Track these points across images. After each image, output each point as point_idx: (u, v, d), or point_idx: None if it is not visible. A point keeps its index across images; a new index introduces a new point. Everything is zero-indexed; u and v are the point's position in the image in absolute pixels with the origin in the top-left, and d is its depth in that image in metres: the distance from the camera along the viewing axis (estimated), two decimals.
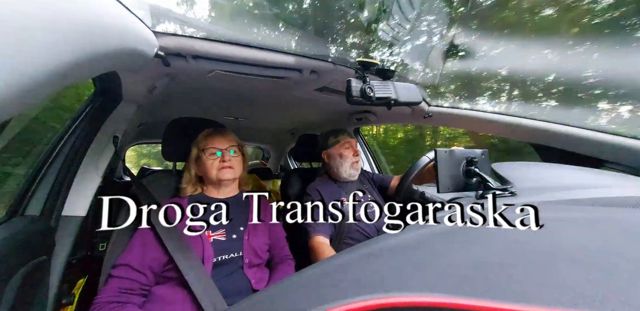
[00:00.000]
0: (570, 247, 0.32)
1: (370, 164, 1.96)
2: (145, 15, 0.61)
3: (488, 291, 0.26)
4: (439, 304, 0.26)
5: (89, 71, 0.50)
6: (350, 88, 0.76)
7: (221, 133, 0.99)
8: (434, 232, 0.47)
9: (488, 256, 0.33)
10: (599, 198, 0.55)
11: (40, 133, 0.92)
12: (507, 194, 0.67)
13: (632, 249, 0.29)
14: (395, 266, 0.36)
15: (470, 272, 0.30)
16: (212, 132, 0.99)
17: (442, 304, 0.26)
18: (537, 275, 0.27)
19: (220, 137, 0.97)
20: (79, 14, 0.35)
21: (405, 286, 0.30)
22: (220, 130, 1.01)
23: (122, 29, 0.48)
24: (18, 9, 0.26)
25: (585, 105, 2.46)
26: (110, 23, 0.43)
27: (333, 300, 0.32)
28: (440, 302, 0.26)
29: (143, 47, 0.61)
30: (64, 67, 0.36)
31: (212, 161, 0.93)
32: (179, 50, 0.74)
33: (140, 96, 0.99)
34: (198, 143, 0.97)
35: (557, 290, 0.24)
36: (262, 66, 0.89)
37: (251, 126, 2.10)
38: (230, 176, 0.94)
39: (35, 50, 0.30)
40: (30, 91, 0.33)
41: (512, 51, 2.59)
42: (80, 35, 0.36)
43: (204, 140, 0.96)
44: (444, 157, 0.80)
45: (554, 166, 0.86)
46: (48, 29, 0.30)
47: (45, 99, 0.55)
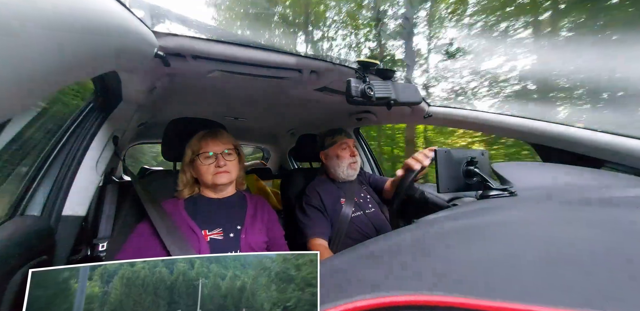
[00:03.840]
0: (570, 247, 0.32)
1: (370, 165, 1.96)
2: (145, 15, 0.61)
3: (488, 291, 0.26)
4: (438, 303, 0.26)
5: (89, 71, 0.50)
6: (350, 88, 0.76)
7: (215, 136, 0.96)
8: (434, 232, 0.47)
9: (487, 256, 0.33)
10: (599, 198, 0.55)
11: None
12: (507, 194, 0.67)
13: (632, 249, 0.29)
14: (395, 266, 0.36)
15: (469, 272, 0.30)
16: (206, 134, 0.96)
17: (442, 303, 0.26)
18: (536, 275, 0.27)
19: (214, 141, 0.94)
20: (79, 14, 0.35)
21: (405, 286, 0.30)
22: (215, 132, 0.97)
23: (122, 29, 0.48)
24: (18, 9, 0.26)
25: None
26: (110, 23, 0.43)
27: (333, 300, 0.32)
28: (440, 301, 0.26)
29: (143, 47, 0.61)
30: (64, 67, 0.36)
31: (206, 166, 0.91)
32: (179, 51, 0.74)
33: (140, 96, 0.99)
34: (192, 146, 0.94)
35: (557, 290, 0.24)
36: (262, 66, 0.89)
37: (251, 126, 2.10)
38: (226, 181, 0.93)
39: (35, 50, 0.30)
40: (30, 91, 0.33)
41: None
42: (80, 35, 0.36)
43: (198, 144, 0.94)
44: (444, 157, 0.80)
45: (554, 166, 0.86)
46: (48, 29, 0.30)
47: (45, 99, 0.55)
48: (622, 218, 0.41)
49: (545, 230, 0.38)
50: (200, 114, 1.29)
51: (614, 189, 0.62)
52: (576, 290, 0.24)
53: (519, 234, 0.38)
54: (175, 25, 0.73)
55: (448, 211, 0.66)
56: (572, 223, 0.39)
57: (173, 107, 1.49)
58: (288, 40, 3.63)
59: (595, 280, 0.25)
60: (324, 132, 1.37)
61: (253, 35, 2.64)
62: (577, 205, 0.52)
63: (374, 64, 0.80)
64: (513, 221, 0.46)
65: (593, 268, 0.27)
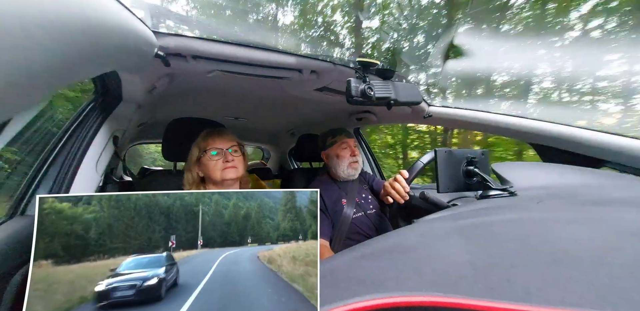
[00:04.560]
0: (570, 247, 0.32)
1: (370, 165, 1.96)
2: (145, 15, 0.61)
3: (488, 291, 0.26)
4: (439, 304, 0.26)
5: (89, 71, 0.50)
6: (350, 88, 0.76)
7: (221, 133, 0.99)
8: (434, 232, 0.47)
9: (488, 257, 0.33)
10: (599, 198, 0.55)
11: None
12: (507, 194, 0.67)
13: (632, 249, 0.29)
14: (395, 267, 0.36)
15: (469, 272, 0.30)
16: (211, 132, 0.98)
17: (442, 304, 0.26)
18: (537, 275, 0.27)
19: (220, 138, 0.97)
20: (79, 14, 0.35)
21: (405, 286, 0.30)
22: (220, 130, 1.01)
23: (122, 29, 0.48)
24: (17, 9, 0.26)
25: None
26: (110, 23, 0.43)
27: (333, 300, 0.32)
28: (440, 302, 0.26)
29: (143, 47, 0.61)
30: (64, 67, 0.36)
31: (214, 161, 0.93)
32: (179, 50, 0.74)
33: (140, 96, 0.99)
34: (199, 144, 0.96)
35: (557, 290, 0.24)
36: (262, 66, 0.89)
37: (251, 126, 2.10)
38: (234, 176, 0.94)
39: (35, 51, 0.30)
40: (31, 91, 0.33)
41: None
42: (80, 35, 0.36)
43: (205, 141, 0.96)
44: (444, 157, 0.80)
45: (554, 166, 0.86)
46: (48, 29, 0.30)
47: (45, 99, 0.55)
48: (622, 217, 0.41)
49: (545, 230, 0.38)
50: (200, 114, 1.29)
51: (614, 189, 0.62)
52: (576, 290, 0.24)
53: (519, 234, 0.38)
54: (175, 25, 0.73)
55: (448, 211, 0.66)
56: (572, 223, 0.39)
57: (173, 107, 1.49)
58: (288, 40, 3.65)
59: (595, 280, 0.25)
60: (324, 132, 1.37)
61: (253, 35, 2.68)
62: (577, 205, 0.52)
63: (374, 64, 0.80)
64: (513, 221, 0.45)
65: (593, 268, 0.27)
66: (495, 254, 0.33)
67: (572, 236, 0.34)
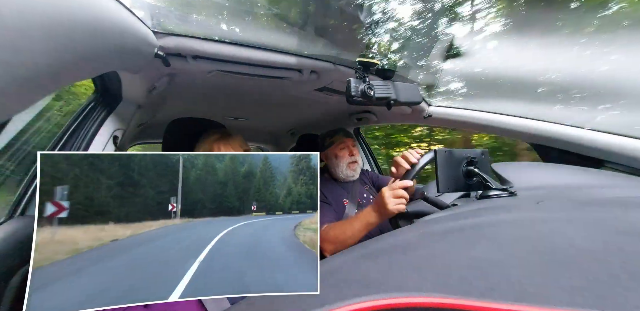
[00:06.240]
0: (570, 247, 0.32)
1: (370, 165, 1.96)
2: (145, 15, 0.61)
3: (488, 291, 0.26)
4: (439, 304, 0.26)
5: (89, 71, 0.50)
6: (350, 88, 0.76)
7: (228, 141, 0.92)
8: (433, 232, 0.47)
9: (487, 256, 0.33)
10: (599, 198, 0.55)
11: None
12: (507, 194, 0.67)
13: (632, 249, 0.29)
14: (395, 267, 0.36)
15: (469, 272, 0.30)
16: (221, 137, 0.92)
17: (442, 304, 0.26)
18: (537, 275, 0.27)
19: (230, 143, 0.91)
20: (79, 14, 0.35)
21: (405, 287, 0.30)
22: (227, 137, 0.94)
23: (122, 29, 0.48)
24: (18, 9, 0.26)
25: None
26: (110, 23, 0.43)
27: (333, 301, 0.32)
28: (440, 303, 0.26)
29: (143, 47, 0.61)
30: (64, 67, 0.36)
31: None
32: (179, 50, 0.74)
33: (140, 96, 0.99)
34: (206, 149, 0.91)
35: (557, 290, 0.24)
36: (262, 66, 0.89)
37: (251, 126, 2.10)
38: None
39: (35, 51, 0.30)
40: (31, 91, 0.33)
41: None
42: (80, 35, 0.36)
43: (214, 145, 0.90)
44: (444, 157, 0.80)
45: (554, 166, 0.86)
46: (48, 29, 0.30)
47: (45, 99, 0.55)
48: (622, 218, 0.41)
49: (545, 230, 0.38)
50: (200, 114, 1.29)
51: (614, 189, 0.62)
52: (575, 290, 0.24)
53: (519, 234, 0.38)
54: (175, 25, 0.73)
55: (448, 211, 0.66)
56: (572, 223, 0.39)
57: (173, 107, 1.49)
58: (288, 40, 3.55)
59: (595, 280, 0.25)
60: (323, 134, 1.37)
61: (253, 35, 2.61)
62: (577, 205, 0.52)
63: (374, 64, 0.80)
64: (513, 221, 0.45)
65: (593, 268, 0.27)
66: (495, 254, 0.33)
67: (572, 236, 0.34)
